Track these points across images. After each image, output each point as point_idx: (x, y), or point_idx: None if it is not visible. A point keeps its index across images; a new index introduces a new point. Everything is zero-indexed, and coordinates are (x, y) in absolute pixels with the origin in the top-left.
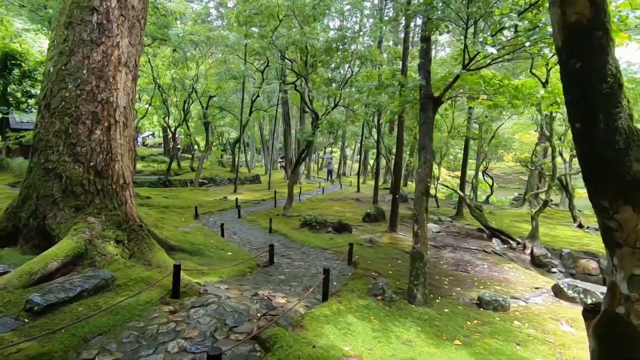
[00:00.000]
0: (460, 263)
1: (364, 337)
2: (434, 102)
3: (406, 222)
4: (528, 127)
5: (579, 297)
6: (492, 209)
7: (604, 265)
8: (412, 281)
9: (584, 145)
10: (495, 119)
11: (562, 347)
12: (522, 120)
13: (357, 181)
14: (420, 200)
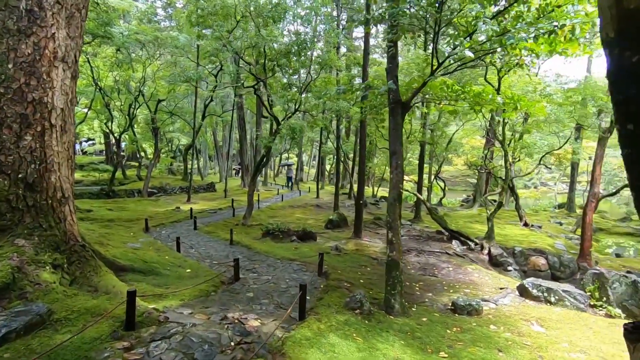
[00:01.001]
0: (427, 267)
1: None
2: (402, 107)
3: (368, 227)
4: (474, 133)
5: (543, 295)
6: (445, 210)
7: (552, 262)
8: (389, 291)
9: (637, 149)
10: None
11: (540, 349)
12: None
13: (316, 187)
14: (394, 207)
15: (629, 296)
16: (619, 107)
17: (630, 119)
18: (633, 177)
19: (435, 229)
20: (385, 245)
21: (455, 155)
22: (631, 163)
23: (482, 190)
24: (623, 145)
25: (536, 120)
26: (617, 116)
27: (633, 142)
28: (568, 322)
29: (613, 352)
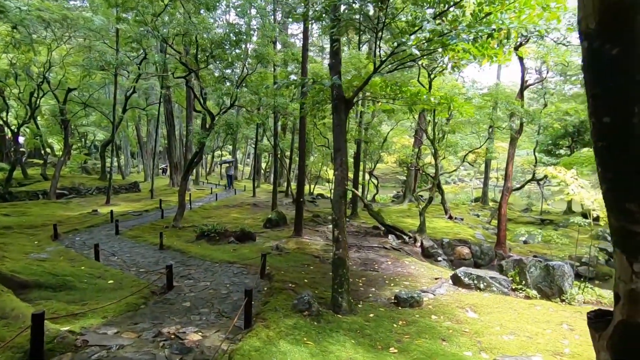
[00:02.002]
0: (367, 262)
1: None
2: (346, 103)
3: (308, 225)
4: (403, 133)
5: (474, 283)
6: (379, 206)
7: (474, 250)
8: (336, 289)
9: (613, 142)
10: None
11: (477, 335)
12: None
13: (252, 185)
14: (339, 204)
15: (543, 279)
16: (596, 100)
17: (608, 112)
18: (606, 170)
19: (371, 225)
20: (326, 242)
21: (387, 154)
22: (605, 156)
23: (411, 186)
24: (598, 138)
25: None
26: (593, 109)
27: (609, 135)
28: (497, 307)
29: (536, 331)
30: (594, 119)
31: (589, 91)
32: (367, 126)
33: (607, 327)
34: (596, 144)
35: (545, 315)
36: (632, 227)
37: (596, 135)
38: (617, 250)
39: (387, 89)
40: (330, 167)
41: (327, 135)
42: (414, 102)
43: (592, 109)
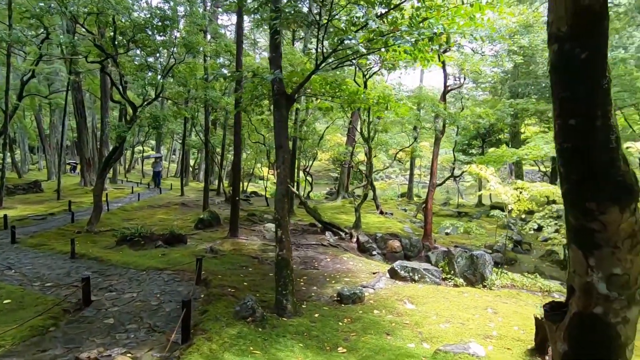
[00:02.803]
0: (307, 260)
1: None
2: (287, 99)
3: (243, 224)
4: (336, 131)
5: (409, 275)
6: (314, 203)
7: (404, 243)
8: (280, 292)
9: (577, 143)
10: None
11: (417, 325)
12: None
13: (180, 184)
14: (282, 203)
15: (468, 267)
16: (564, 103)
17: (574, 115)
18: (569, 171)
19: (308, 222)
20: (263, 242)
21: (321, 151)
22: (570, 156)
23: (344, 183)
24: (564, 139)
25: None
26: (559, 111)
27: (574, 136)
28: (431, 297)
29: (467, 317)
30: (560, 121)
31: (556, 93)
32: (302, 123)
33: (563, 319)
34: (561, 145)
35: (472, 301)
36: (590, 224)
37: (562, 136)
38: (574, 246)
39: (326, 87)
40: (264, 164)
41: (261, 131)
42: (352, 100)
43: (558, 111)
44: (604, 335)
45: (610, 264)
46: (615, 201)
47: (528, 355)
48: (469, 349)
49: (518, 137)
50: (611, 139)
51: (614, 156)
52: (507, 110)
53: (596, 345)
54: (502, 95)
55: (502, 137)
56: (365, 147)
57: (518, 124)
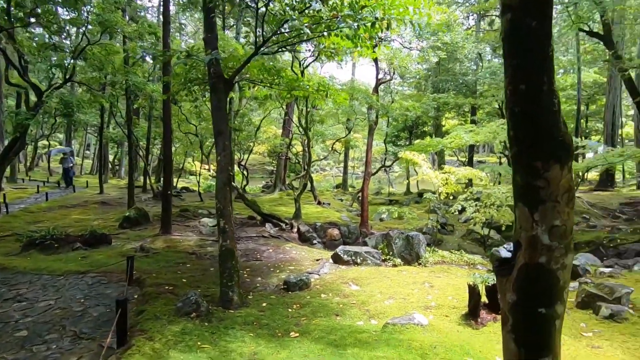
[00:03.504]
0: (249, 252)
1: None
2: (225, 83)
3: (176, 221)
4: (271, 123)
5: (352, 259)
6: (251, 197)
7: (343, 231)
8: (226, 283)
9: (527, 107)
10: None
11: (364, 304)
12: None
13: (98, 181)
14: (224, 191)
15: (405, 248)
16: (514, 69)
17: (524, 80)
18: (519, 133)
19: (246, 215)
20: (200, 237)
21: (256, 143)
22: (520, 120)
23: (281, 176)
24: (514, 104)
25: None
26: (511, 78)
27: (524, 101)
28: (374, 277)
29: (408, 292)
30: (511, 87)
31: (508, 61)
32: (236, 114)
33: (511, 272)
34: (512, 109)
35: (411, 278)
36: (536, 182)
37: (513, 101)
38: (520, 204)
39: (265, 73)
40: (197, 158)
41: (193, 121)
42: (292, 87)
43: (510, 78)
44: (547, 281)
45: (552, 217)
46: (557, 159)
47: (463, 320)
48: (414, 319)
49: (440, 129)
50: (555, 103)
51: (557, 118)
52: (431, 104)
53: (541, 291)
54: (425, 91)
55: (427, 130)
56: (302, 138)
57: (440, 117)
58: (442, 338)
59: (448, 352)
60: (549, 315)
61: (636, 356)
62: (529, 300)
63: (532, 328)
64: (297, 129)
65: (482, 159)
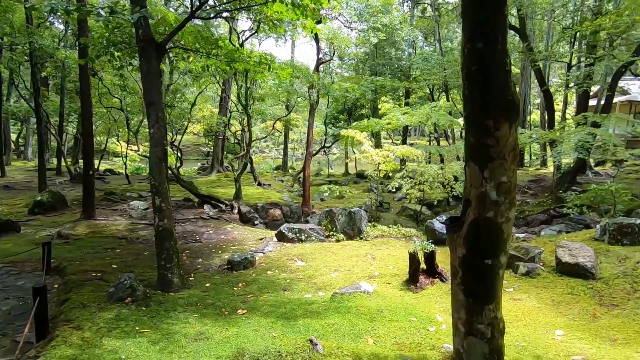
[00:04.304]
0: (187, 235)
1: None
2: (157, 49)
3: (100, 205)
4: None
5: (296, 236)
6: (186, 179)
7: (285, 211)
8: (164, 265)
9: (483, 65)
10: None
11: (311, 278)
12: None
13: None
14: (159, 167)
15: (347, 223)
16: (474, 26)
17: (481, 38)
18: (474, 91)
19: (182, 197)
20: (130, 221)
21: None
22: (475, 77)
23: (219, 157)
24: (471, 62)
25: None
26: (470, 36)
27: (480, 59)
28: (318, 252)
29: (352, 265)
30: (470, 45)
31: (468, 20)
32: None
33: (461, 228)
34: (469, 68)
35: (354, 251)
36: (487, 141)
37: (470, 59)
38: (471, 163)
39: (202, 41)
40: (122, 137)
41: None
42: (232, 59)
43: (468, 36)
44: (493, 234)
45: (499, 174)
46: (506, 118)
47: (405, 285)
48: (360, 288)
49: (377, 112)
50: (507, 62)
51: (509, 78)
52: (369, 87)
53: (488, 243)
54: (363, 74)
55: (364, 112)
56: (241, 117)
57: (377, 100)
58: (387, 303)
59: (394, 314)
60: (494, 265)
61: (548, 304)
62: (478, 252)
63: (480, 278)
64: (236, 108)
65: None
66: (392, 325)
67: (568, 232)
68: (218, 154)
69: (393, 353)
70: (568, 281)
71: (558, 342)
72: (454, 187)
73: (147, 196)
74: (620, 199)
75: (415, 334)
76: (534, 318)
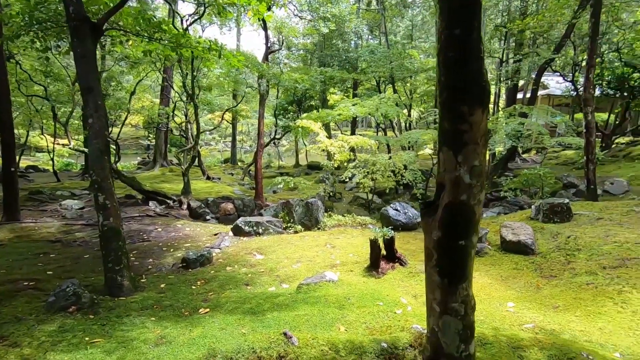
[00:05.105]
0: (133, 234)
1: None
2: (92, 28)
3: (25, 206)
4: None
5: (253, 229)
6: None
7: (237, 205)
8: (112, 268)
9: (460, 52)
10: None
11: (273, 271)
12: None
13: None
14: (101, 160)
15: (304, 214)
16: (451, 13)
17: (459, 25)
18: (450, 78)
19: (123, 194)
20: (63, 222)
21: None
22: (452, 64)
23: (161, 150)
24: (448, 49)
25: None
26: (447, 23)
27: (457, 46)
28: (278, 245)
29: (313, 255)
30: (447, 32)
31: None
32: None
33: (436, 212)
34: (446, 54)
35: (313, 241)
36: (461, 126)
37: (447, 46)
38: (445, 148)
39: (143, 24)
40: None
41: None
42: (179, 44)
43: (445, 23)
44: (467, 216)
45: (472, 158)
46: (480, 104)
47: (367, 272)
48: (325, 277)
49: (326, 103)
50: (481, 49)
51: (482, 65)
52: (318, 78)
53: (462, 224)
54: (312, 65)
55: (314, 104)
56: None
57: (326, 91)
58: (353, 290)
59: (361, 300)
60: (468, 245)
61: (498, 279)
62: (452, 234)
63: (454, 259)
64: (179, 97)
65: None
66: (361, 312)
67: (506, 214)
68: (161, 147)
69: (367, 338)
70: (512, 257)
71: (511, 313)
72: (404, 176)
73: (83, 194)
74: (547, 182)
75: (384, 318)
76: (487, 293)
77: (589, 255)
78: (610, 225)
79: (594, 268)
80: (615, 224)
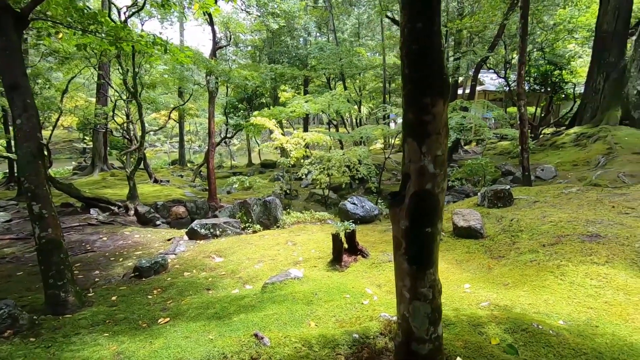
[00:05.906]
0: (74, 245)
1: None
2: (16, 18)
3: None
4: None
5: (210, 232)
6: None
7: (190, 207)
8: (54, 284)
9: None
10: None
11: (234, 273)
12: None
13: None
14: (34, 166)
15: (263, 213)
16: (413, 7)
17: (421, 18)
18: (413, 71)
19: (59, 202)
20: None
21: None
22: (416, 57)
23: (101, 153)
24: (411, 42)
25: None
26: (409, 16)
27: (420, 39)
28: (237, 246)
29: (274, 253)
30: (410, 25)
31: (406, 1)
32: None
33: (403, 202)
34: (409, 47)
35: (273, 240)
36: (424, 117)
37: (410, 40)
38: (409, 139)
39: (76, 14)
40: None
41: None
42: (118, 37)
43: (408, 16)
44: (432, 204)
45: (435, 148)
46: (441, 95)
47: (330, 266)
48: (290, 274)
49: (278, 101)
50: (442, 42)
51: (442, 57)
52: (269, 75)
53: (428, 213)
54: (261, 62)
55: (265, 101)
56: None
57: (277, 88)
58: (319, 285)
59: (328, 294)
60: (433, 232)
61: (453, 263)
62: (419, 222)
63: (422, 246)
64: (119, 96)
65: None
66: (329, 306)
67: (455, 202)
68: (100, 150)
69: (338, 331)
70: (464, 242)
71: (468, 294)
72: (359, 170)
73: (9, 205)
74: (488, 170)
75: (352, 310)
76: (445, 277)
77: (530, 235)
78: (546, 207)
79: (535, 246)
80: (549, 205)
